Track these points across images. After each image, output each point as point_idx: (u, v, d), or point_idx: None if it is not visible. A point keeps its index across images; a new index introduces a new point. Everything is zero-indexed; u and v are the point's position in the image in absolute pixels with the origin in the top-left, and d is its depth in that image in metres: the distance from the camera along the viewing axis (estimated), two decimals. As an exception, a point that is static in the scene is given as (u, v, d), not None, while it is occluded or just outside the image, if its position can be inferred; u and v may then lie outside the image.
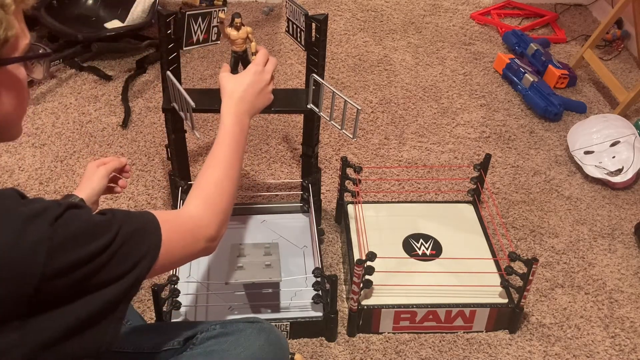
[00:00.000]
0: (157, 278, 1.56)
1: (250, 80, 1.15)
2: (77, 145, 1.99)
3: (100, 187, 1.27)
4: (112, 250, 0.74)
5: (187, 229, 0.92)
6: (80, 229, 0.72)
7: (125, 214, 0.80)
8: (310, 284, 1.39)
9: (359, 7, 2.89)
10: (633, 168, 1.89)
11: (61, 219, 0.70)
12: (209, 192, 0.99)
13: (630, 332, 1.49)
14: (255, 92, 1.15)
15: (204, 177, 1.02)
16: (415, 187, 1.89)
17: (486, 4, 2.94)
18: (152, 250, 0.81)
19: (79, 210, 0.74)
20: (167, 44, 1.33)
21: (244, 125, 1.11)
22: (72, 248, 0.70)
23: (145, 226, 0.82)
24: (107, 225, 0.75)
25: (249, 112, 1.14)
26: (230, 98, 1.12)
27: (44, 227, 0.68)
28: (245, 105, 1.13)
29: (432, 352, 1.42)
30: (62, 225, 0.70)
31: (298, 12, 1.34)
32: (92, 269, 0.72)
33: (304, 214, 1.67)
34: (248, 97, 1.13)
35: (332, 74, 2.39)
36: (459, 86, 2.36)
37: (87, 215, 0.75)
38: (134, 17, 2.41)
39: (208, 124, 2.08)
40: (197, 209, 0.96)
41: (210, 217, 0.96)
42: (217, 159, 1.04)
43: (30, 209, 0.69)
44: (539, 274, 1.62)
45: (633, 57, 2.59)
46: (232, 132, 1.08)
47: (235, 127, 1.09)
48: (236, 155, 1.06)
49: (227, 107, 1.11)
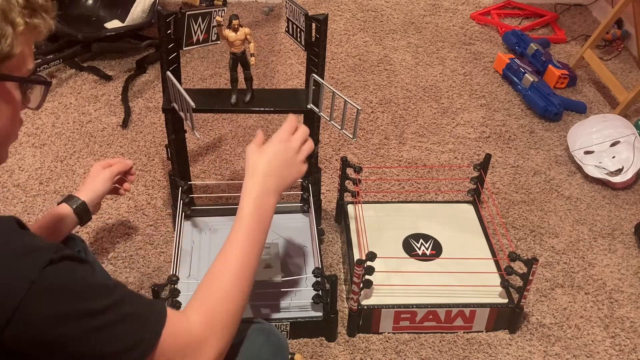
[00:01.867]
0: (157, 278, 1.57)
1: (275, 150, 1.01)
2: (77, 145, 1.99)
3: (104, 189, 1.27)
4: (100, 322, 0.68)
5: (185, 344, 0.78)
6: (71, 284, 0.67)
7: (132, 293, 0.73)
8: (310, 284, 1.39)
9: (359, 7, 2.89)
10: (633, 168, 1.89)
11: (53, 266, 0.65)
12: (213, 305, 0.85)
13: (630, 332, 1.49)
14: (282, 163, 1.01)
15: (209, 282, 0.88)
16: (415, 187, 1.89)
17: (486, 4, 2.94)
18: (143, 346, 0.72)
19: (78, 264, 0.69)
20: (167, 44, 1.33)
21: (267, 209, 0.96)
22: (53, 301, 0.64)
23: (149, 316, 0.74)
24: (105, 293, 0.70)
25: (275, 190, 0.98)
26: (252, 175, 0.98)
27: (32, 269, 0.64)
28: (270, 180, 0.98)
29: (432, 352, 1.42)
30: (52, 272, 0.65)
31: (298, 12, 1.34)
32: (67, 333, 0.66)
33: (304, 214, 1.67)
34: (273, 171, 0.99)
35: (332, 74, 2.39)
36: (459, 86, 2.36)
37: (85, 272, 0.70)
38: (134, 17, 2.40)
39: (208, 124, 2.08)
40: (198, 326, 0.81)
41: (212, 338, 0.81)
42: (227, 259, 0.90)
43: (24, 245, 0.65)
44: (539, 274, 1.62)
45: (633, 57, 2.59)
46: (249, 224, 0.94)
47: (254, 215, 0.94)
48: (251, 253, 0.92)
49: (248, 188, 0.97)
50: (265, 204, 0.96)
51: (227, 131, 2.06)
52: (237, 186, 1.86)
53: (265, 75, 2.36)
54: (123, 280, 1.55)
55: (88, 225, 1.69)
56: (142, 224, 1.72)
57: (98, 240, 1.66)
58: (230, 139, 2.04)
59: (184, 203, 1.59)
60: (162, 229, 1.70)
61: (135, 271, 1.58)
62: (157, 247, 1.65)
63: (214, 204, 1.76)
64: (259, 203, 0.95)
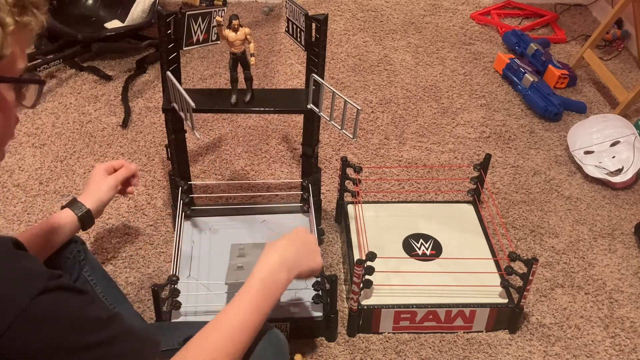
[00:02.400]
0: (157, 278, 1.57)
1: (297, 234, 1.06)
2: (77, 145, 1.99)
3: (109, 198, 1.25)
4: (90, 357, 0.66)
5: None
6: (63, 315, 0.65)
7: (126, 329, 0.71)
8: (310, 284, 1.39)
9: (359, 7, 2.89)
10: (633, 168, 1.89)
11: (47, 295, 0.63)
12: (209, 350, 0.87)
13: (630, 332, 1.49)
14: (304, 245, 1.03)
15: (204, 337, 0.89)
16: (415, 187, 1.89)
17: (486, 4, 2.94)
18: None
19: (74, 295, 0.67)
20: (167, 44, 1.33)
21: (278, 282, 0.96)
22: (43, 331, 0.62)
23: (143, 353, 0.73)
24: (98, 327, 0.68)
25: (290, 266, 0.98)
26: (272, 245, 0.99)
27: (23, 296, 0.62)
28: (288, 254, 0.98)
29: (432, 352, 1.42)
30: (45, 302, 0.63)
31: (298, 12, 1.34)
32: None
33: (304, 214, 1.67)
34: (294, 247, 1.00)
35: (332, 74, 2.39)
36: (459, 86, 2.36)
37: (81, 304, 0.68)
38: (133, 17, 2.41)
39: (208, 124, 2.08)
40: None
41: None
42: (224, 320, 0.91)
43: (18, 270, 0.63)
44: (539, 274, 1.62)
45: (633, 57, 2.59)
46: (255, 292, 0.94)
47: (264, 284, 0.94)
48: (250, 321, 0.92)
49: (265, 255, 0.98)
50: (277, 276, 0.97)
51: (227, 131, 2.06)
52: (237, 186, 1.86)
53: (265, 75, 2.36)
54: (123, 280, 1.55)
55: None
56: (142, 224, 1.72)
57: (98, 240, 1.66)
58: (230, 139, 2.04)
59: (184, 203, 1.59)
60: (162, 229, 1.70)
61: (135, 271, 1.58)
62: (157, 247, 1.65)
63: (214, 204, 1.76)
64: (271, 275, 0.96)
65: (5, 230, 1.69)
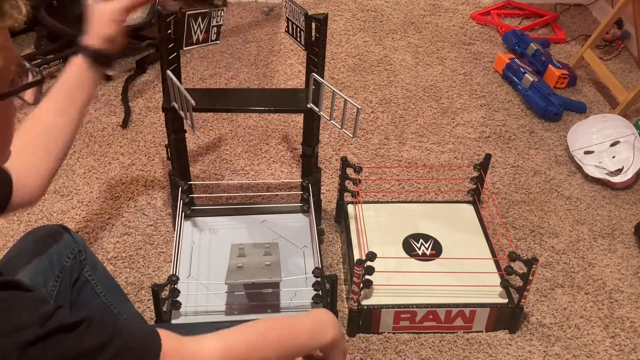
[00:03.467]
0: (157, 278, 1.57)
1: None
2: (77, 145, 1.99)
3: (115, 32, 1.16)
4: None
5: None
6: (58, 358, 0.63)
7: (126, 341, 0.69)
8: (310, 284, 1.39)
9: (359, 7, 2.89)
10: (633, 168, 1.89)
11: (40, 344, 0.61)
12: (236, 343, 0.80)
13: (630, 332, 1.49)
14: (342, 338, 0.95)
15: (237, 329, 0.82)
16: (415, 187, 1.89)
17: (486, 4, 2.94)
18: None
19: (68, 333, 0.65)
20: (167, 44, 1.33)
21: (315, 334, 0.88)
22: None
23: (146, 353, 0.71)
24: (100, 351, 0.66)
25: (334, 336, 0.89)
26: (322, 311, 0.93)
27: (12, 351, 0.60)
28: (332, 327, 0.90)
29: (432, 352, 1.42)
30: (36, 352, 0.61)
31: (298, 12, 1.34)
32: None
33: (304, 214, 1.67)
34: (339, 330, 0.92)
35: (332, 74, 2.39)
36: (459, 86, 2.36)
37: (77, 337, 0.65)
38: (134, 17, 2.40)
39: (208, 124, 2.08)
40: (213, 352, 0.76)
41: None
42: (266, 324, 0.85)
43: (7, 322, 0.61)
44: (539, 274, 1.62)
45: (633, 57, 2.59)
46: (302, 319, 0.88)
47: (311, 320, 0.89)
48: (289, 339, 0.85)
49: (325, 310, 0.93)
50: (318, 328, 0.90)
51: (227, 131, 2.06)
52: (237, 186, 1.86)
53: (265, 75, 2.36)
54: (123, 280, 1.55)
55: (88, 225, 1.70)
56: (142, 224, 1.72)
57: (98, 240, 1.66)
58: (230, 139, 2.04)
59: (184, 203, 1.59)
60: (162, 229, 1.70)
61: (135, 271, 1.58)
62: (157, 247, 1.65)
63: (214, 204, 1.76)
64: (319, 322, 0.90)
65: (5, 230, 1.69)
